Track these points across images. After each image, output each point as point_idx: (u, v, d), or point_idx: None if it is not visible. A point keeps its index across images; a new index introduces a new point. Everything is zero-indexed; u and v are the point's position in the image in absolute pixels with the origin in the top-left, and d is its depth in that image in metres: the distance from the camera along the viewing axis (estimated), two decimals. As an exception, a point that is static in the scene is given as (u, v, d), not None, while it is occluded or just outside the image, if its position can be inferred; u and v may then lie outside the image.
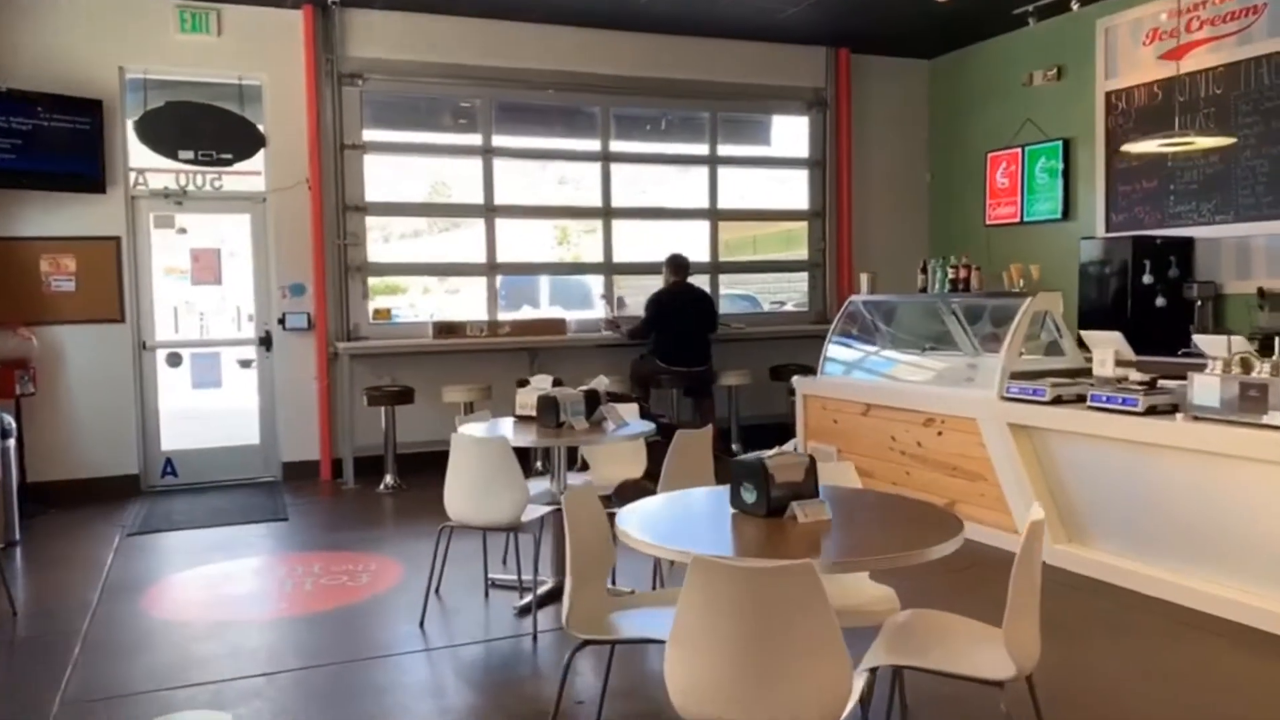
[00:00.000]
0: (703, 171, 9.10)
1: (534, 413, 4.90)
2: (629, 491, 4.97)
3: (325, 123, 7.76)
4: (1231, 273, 7.10)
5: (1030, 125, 8.65)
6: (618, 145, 8.76)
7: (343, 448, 7.78)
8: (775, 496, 2.78)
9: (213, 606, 4.78)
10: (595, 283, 9.90)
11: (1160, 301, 7.06)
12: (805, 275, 9.71)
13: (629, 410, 5.08)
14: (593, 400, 4.86)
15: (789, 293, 10.21)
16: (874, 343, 7.16)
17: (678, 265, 8.20)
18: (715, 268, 9.17)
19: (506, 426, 4.89)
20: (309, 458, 7.83)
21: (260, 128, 7.66)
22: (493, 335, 7.95)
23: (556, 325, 8.22)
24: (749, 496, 2.81)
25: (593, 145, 8.71)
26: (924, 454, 5.94)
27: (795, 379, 7.28)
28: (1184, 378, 4.65)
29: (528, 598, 4.63)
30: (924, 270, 6.65)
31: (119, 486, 7.30)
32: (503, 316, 8.42)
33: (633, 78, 8.58)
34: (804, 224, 9.61)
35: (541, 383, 5.09)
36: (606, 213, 8.74)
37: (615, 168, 8.75)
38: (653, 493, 5.14)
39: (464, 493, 4.28)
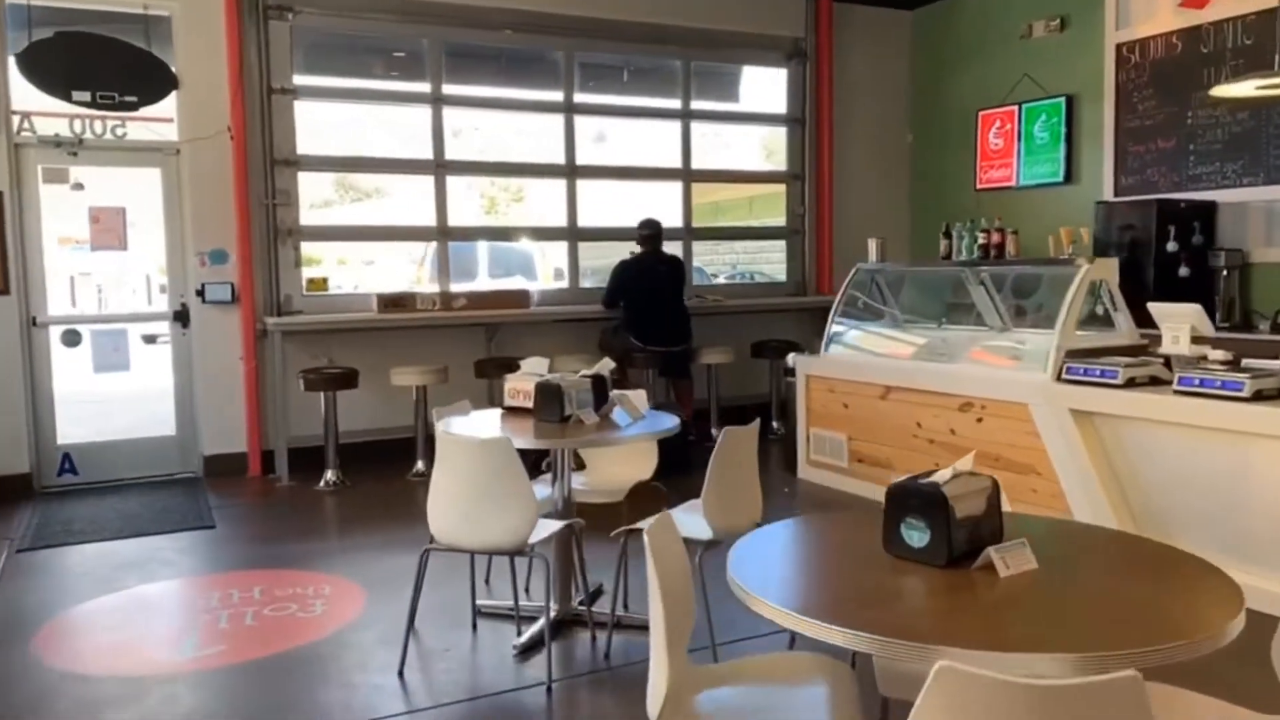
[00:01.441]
0: (674, 128, 8.23)
1: (527, 403, 4.04)
2: (643, 498, 4.16)
3: (249, 62, 6.68)
4: (1260, 239, 6.54)
5: (1028, 81, 7.99)
6: (583, 97, 7.84)
7: (275, 438, 6.77)
8: (958, 538, 1.98)
9: (125, 652, 3.80)
10: (539, 251, 9.03)
11: (1184, 271, 6.47)
12: (777, 244, 8.95)
13: (640, 398, 4.23)
14: (600, 388, 4.02)
15: (761, 263, 9.45)
16: (887, 317, 6.44)
17: (649, 233, 7.35)
18: (689, 233, 8.33)
19: (493, 421, 4.01)
20: (235, 450, 6.80)
21: (172, 67, 6.54)
22: (446, 309, 7.00)
23: (518, 298, 7.31)
24: (917, 537, 2.01)
25: (555, 95, 7.77)
26: (958, 443, 5.24)
27: (793, 357, 6.52)
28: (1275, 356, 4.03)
29: (528, 632, 3.78)
30: (947, 235, 5.93)
31: (6, 489, 6.18)
32: (454, 287, 7.47)
33: (599, 20, 7.66)
34: (779, 188, 8.83)
35: (535, 367, 4.21)
36: (570, 171, 7.83)
37: (580, 121, 7.83)
38: (665, 497, 4.36)
39: (456, 509, 3.39)
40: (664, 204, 8.33)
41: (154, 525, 5.55)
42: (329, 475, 6.43)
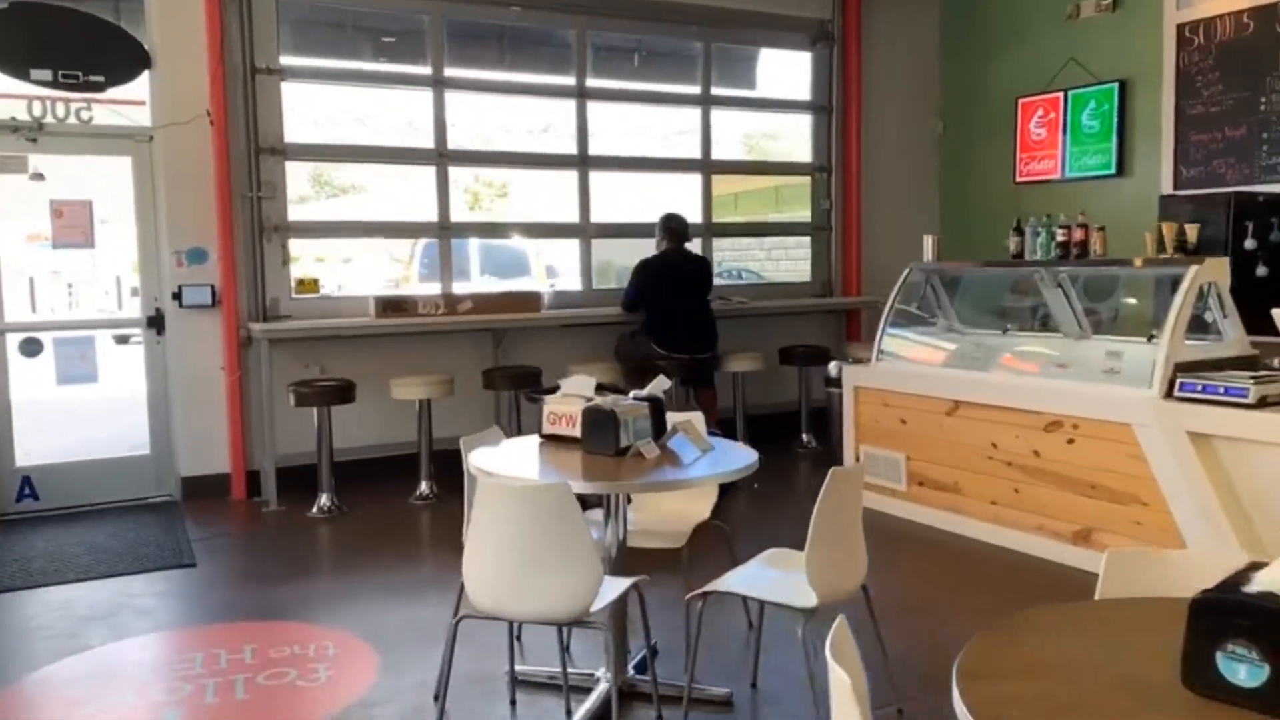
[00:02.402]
0: (693, 115, 7.59)
1: (571, 431, 3.40)
2: (705, 541, 3.53)
3: (230, 39, 5.98)
4: (1346, 237, 5.98)
5: (1075, 66, 7.41)
6: (596, 81, 7.18)
7: (261, 458, 6.08)
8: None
9: (94, 735, 3.14)
10: (533, 249, 8.39)
11: (1262, 270, 5.90)
12: (796, 240, 8.35)
13: (699, 423, 3.59)
14: (658, 413, 3.38)
15: (780, 261, 8.85)
16: (941, 322, 5.84)
17: (674, 229, 6.70)
18: (708, 230, 7.70)
19: (530, 453, 3.37)
20: (216, 471, 6.11)
21: (144, 43, 5.84)
22: (450, 313, 6.33)
23: (530, 300, 6.64)
24: (1247, 673, 1.38)
25: (566, 79, 7.11)
26: (1043, 466, 4.64)
27: (836, 366, 5.91)
28: None
29: (581, 709, 3.14)
30: (1018, 231, 5.33)
31: (-43, 518, 5.49)
32: (451, 289, 6.81)
33: (614, -4, 7.03)
34: (804, 180, 8.22)
35: (579, 387, 3.57)
36: (583, 161, 7.17)
37: (593, 107, 7.18)
38: (729, 538, 3.73)
39: (503, 571, 2.74)
40: (680, 197, 7.69)
41: (125, 562, 4.86)
42: (323, 500, 5.75)
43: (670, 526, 3.51)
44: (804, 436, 7.33)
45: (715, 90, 7.61)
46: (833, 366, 5.98)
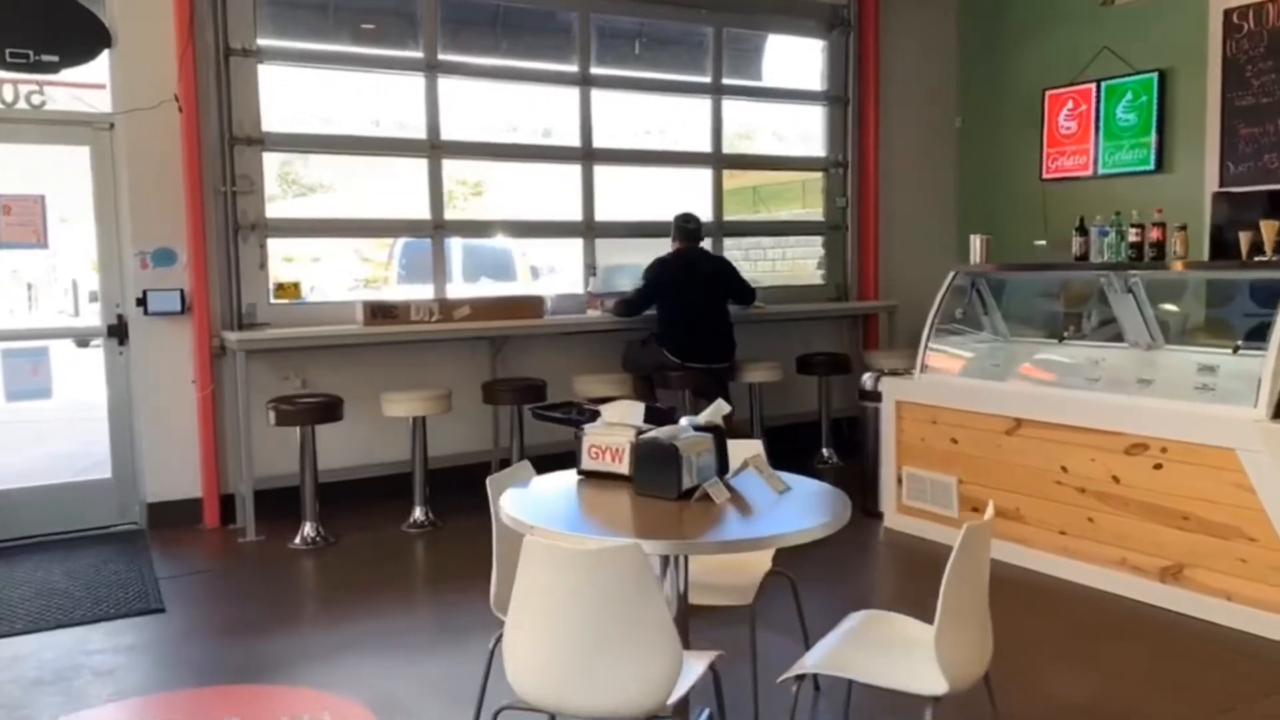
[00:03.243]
0: (703, 106, 7.06)
1: (617, 467, 2.86)
2: (772, 595, 3.01)
3: (202, 15, 5.38)
4: None
5: (1108, 55, 6.94)
6: (600, 69, 6.63)
7: (237, 480, 5.49)
8: None
9: None
10: (517, 249, 7.85)
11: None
12: (803, 239, 7.85)
13: (753, 449, 3.06)
14: (720, 445, 2.85)
15: (779, 262, 8.33)
16: (992, 330, 5.35)
17: (691, 229, 6.18)
18: (720, 229, 7.17)
19: (567, 493, 2.83)
20: (186, 496, 5.50)
21: (104, 19, 5.23)
22: (446, 320, 5.76)
23: (532, 305, 6.08)
24: None
25: (568, 66, 6.55)
26: (1124, 494, 4.15)
27: (870, 377, 5.41)
28: None
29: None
30: (1080, 230, 4.85)
31: (-110, 554, 4.85)
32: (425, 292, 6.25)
33: (619, -24, 6.49)
34: (817, 176, 7.72)
35: (625, 413, 3.02)
36: (587, 154, 6.62)
37: (597, 96, 6.62)
38: (795, 589, 3.19)
39: (560, 655, 2.19)
40: (688, 194, 7.16)
41: (83, 608, 4.24)
42: (307, 529, 5.16)
43: (733, 578, 2.97)
44: (824, 451, 6.83)
45: (727, 79, 7.08)
46: (868, 378, 5.46)
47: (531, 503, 2.73)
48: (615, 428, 2.91)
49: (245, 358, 5.28)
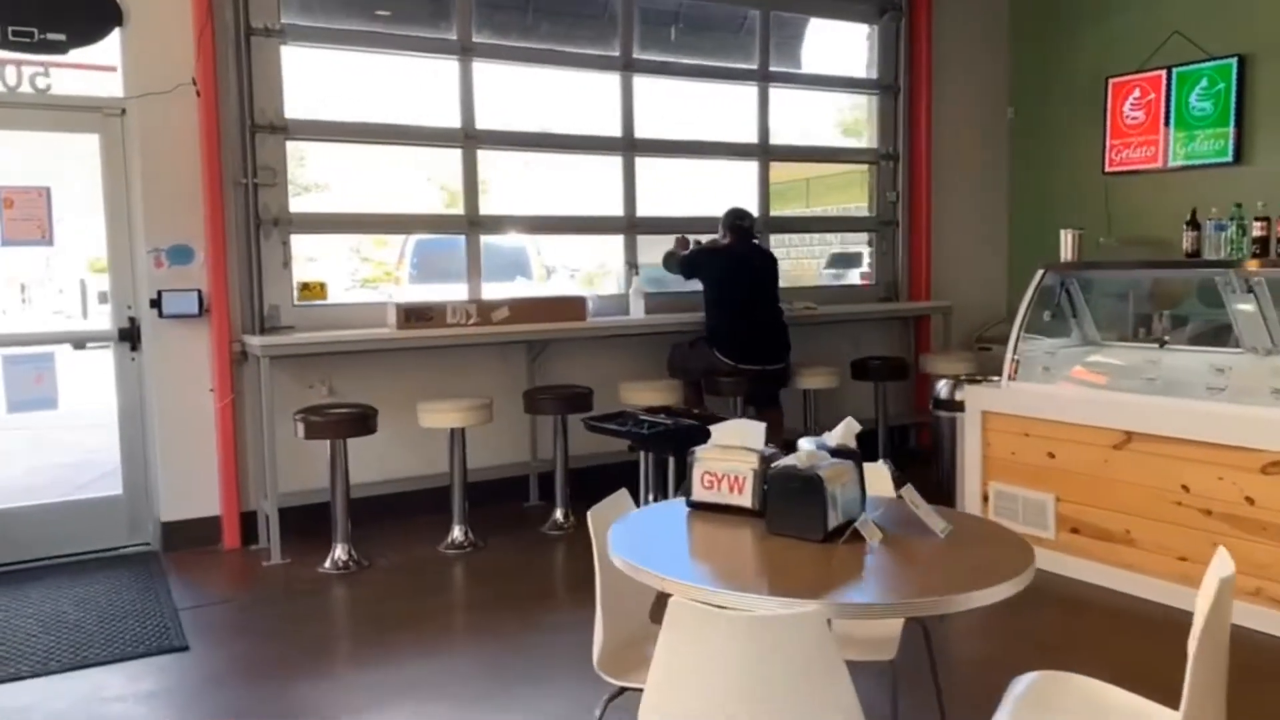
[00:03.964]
0: (745, 95, 6.63)
1: (738, 499, 2.43)
2: (912, 643, 2.58)
3: (221, -9, 4.95)
4: None
5: (1179, 39, 6.52)
6: (644, 54, 6.19)
7: (258, 497, 5.06)
8: None
9: None
10: (533, 246, 7.47)
11: None
12: (838, 237, 7.45)
13: (882, 473, 2.64)
14: (859, 472, 2.42)
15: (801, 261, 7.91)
16: (1081, 333, 4.94)
17: (745, 226, 5.76)
18: (766, 225, 6.74)
19: (675, 528, 2.40)
20: (204, 514, 5.06)
21: (114, -6, 4.80)
22: (484, 322, 5.32)
23: (574, 307, 5.64)
24: None
25: (609, 50, 6.12)
26: (1261, 517, 3.73)
27: (945, 385, 4.99)
28: None
29: None
30: (1193, 224, 4.43)
31: (-120, 582, 4.40)
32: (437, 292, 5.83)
33: (665, -45, 6.05)
34: (862, 169, 7.29)
35: (741, 433, 2.59)
36: (629, 145, 6.18)
37: (638, 84, 6.19)
38: (928, 636, 2.75)
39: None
40: (731, 188, 6.74)
41: (97, 645, 3.80)
42: (338, 553, 4.71)
43: (874, 629, 2.53)
44: (883, 463, 6.38)
45: (774, 67, 6.65)
46: (943, 385, 5.04)
47: (648, 546, 2.30)
48: (733, 452, 2.48)
49: (270, 364, 4.83)
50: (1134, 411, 4.15)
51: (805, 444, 2.51)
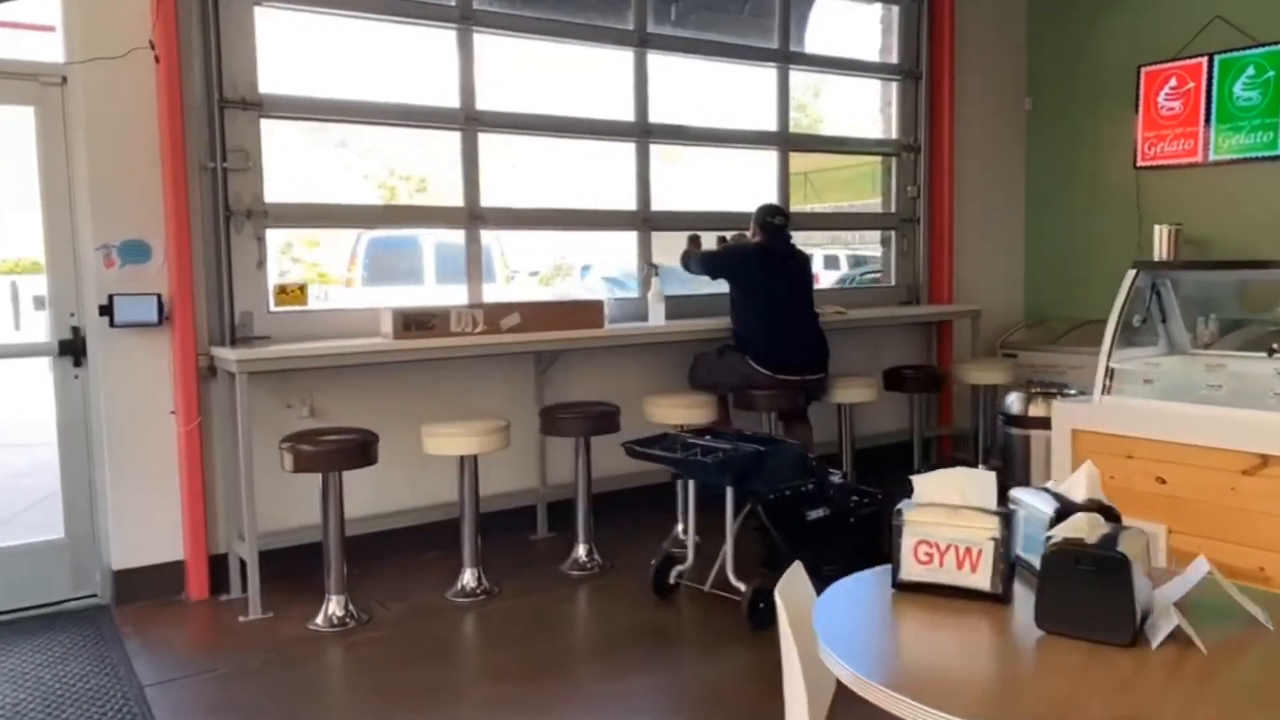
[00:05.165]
0: (767, 77, 6.02)
1: (973, 580, 1.80)
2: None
3: (183, -60, 4.16)
4: None
5: (1221, 24, 6.10)
6: (659, 29, 5.55)
7: (231, 539, 4.29)
8: None
9: None
10: (497, 245, 6.86)
11: None
12: (865, 236, 6.91)
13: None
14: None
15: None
16: (1169, 340, 4.41)
17: (778, 224, 5.16)
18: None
19: (884, 620, 1.76)
20: (164, 559, 4.28)
21: (53, -62, 3.98)
22: (491, 330, 4.61)
23: (590, 313, 4.96)
24: None
25: (622, 24, 5.45)
26: None
27: (1018, 398, 4.44)
28: None
29: None
30: (1322, 220, 3.93)
31: None
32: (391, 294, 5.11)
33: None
34: (875, 162, 6.76)
35: (962, 487, 1.95)
36: (643, 131, 5.53)
37: (654, 61, 5.54)
38: None
39: None
40: (745, 180, 6.16)
41: (45, 742, 3.02)
42: (333, 607, 3.96)
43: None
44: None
45: (794, 47, 6.06)
46: (1014, 399, 4.50)
47: (871, 649, 1.65)
48: (960, 514, 1.85)
49: (247, 381, 4.06)
50: (1273, 432, 3.62)
51: (1032, 498, 1.90)
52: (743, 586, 3.79)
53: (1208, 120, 6.21)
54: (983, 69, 6.79)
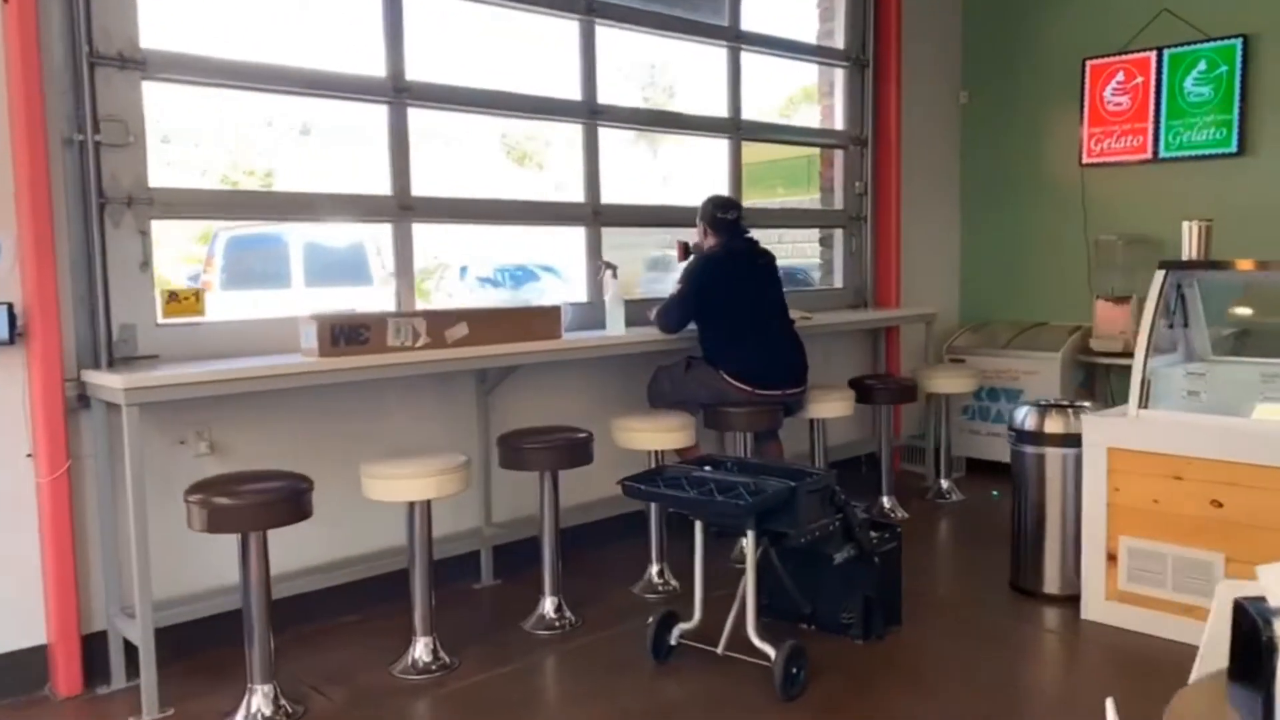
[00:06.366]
0: (718, 58, 5.44)
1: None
2: None
3: None
4: None
5: (1169, 18, 5.92)
6: (606, -4, 4.88)
7: (112, 612, 3.38)
8: None
9: None
10: (372, 243, 6.25)
11: None
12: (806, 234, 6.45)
13: None
14: None
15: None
16: (1195, 349, 4.08)
17: (726, 220, 4.56)
18: (738, 218, 5.56)
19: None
20: (20, 644, 3.32)
21: None
22: (436, 344, 3.83)
23: (545, 320, 4.22)
24: None
25: (566, -10, 4.76)
26: None
27: (1028, 411, 4.02)
28: None
29: None
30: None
31: None
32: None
33: None
34: (806, 157, 6.31)
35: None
36: (591, 111, 4.84)
37: (602, 34, 4.86)
38: None
39: None
40: (690, 172, 5.57)
41: None
42: (257, 701, 3.11)
43: None
44: (885, 501, 5.35)
45: (746, 26, 5.49)
46: (1026, 413, 4.06)
47: None
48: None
49: (139, 415, 3.16)
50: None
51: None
52: (771, 650, 3.18)
53: (1157, 116, 6.01)
54: (915, 58, 6.39)
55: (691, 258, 4.59)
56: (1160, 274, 3.89)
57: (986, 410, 6.22)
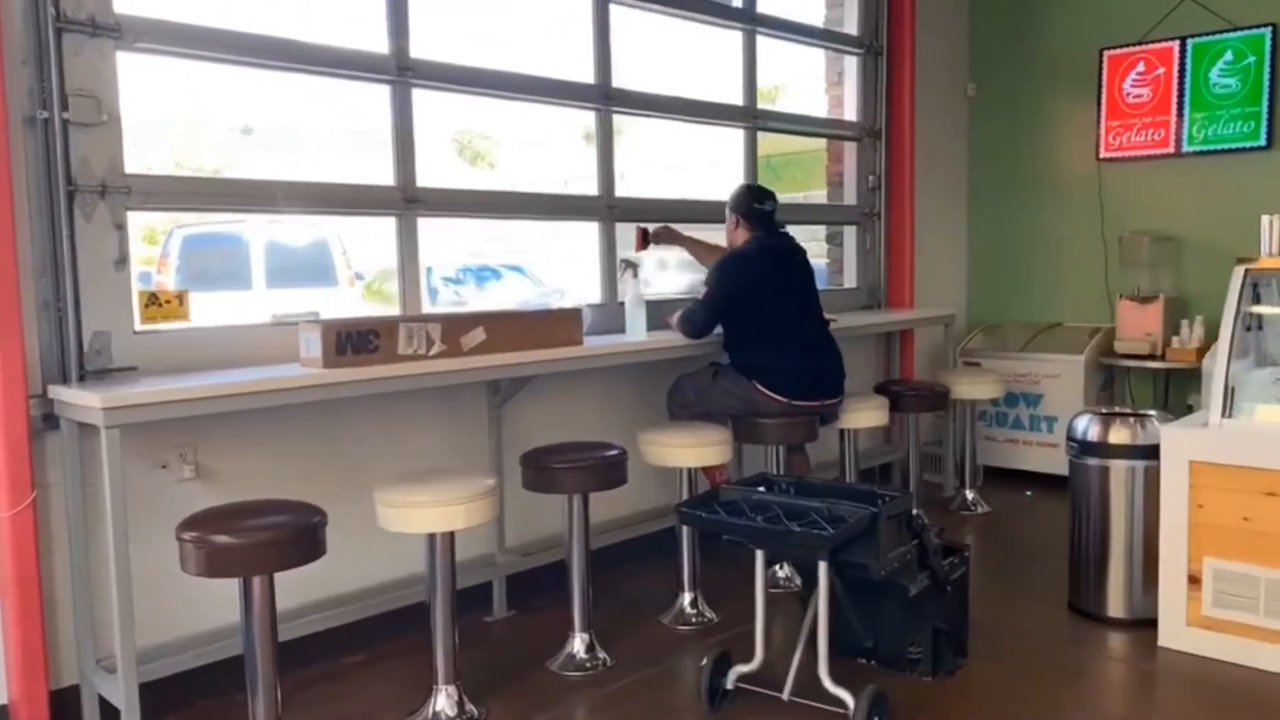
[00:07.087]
0: (733, 41, 5.08)
1: None
2: None
3: None
4: None
5: (1193, 6, 5.68)
6: (620, -31, 4.49)
7: (86, 665, 2.91)
8: None
9: None
10: (338, 243, 5.89)
11: None
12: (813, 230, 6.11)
13: None
14: None
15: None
16: (1268, 352, 3.79)
17: (762, 211, 4.19)
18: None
19: None
20: (-21, 706, 2.85)
21: None
22: (452, 352, 3.40)
23: (566, 325, 3.81)
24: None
25: (579, -38, 4.36)
26: None
27: (1089, 421, 3.71)
28: None
29: None
30: None
31: None
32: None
33: None
34: (817, 150, 5.98)
35: None
36: (605, 96, 4.43)
37: (617, 14, 4.47)
38: None
39: None
40: (706, 161, 5.20)
41: None
42: (266, 767, 2.67)
43: None
44: (915, 514, 5.01)
45: (762, 9, 5.14)
46: (1087, 422, 3.75)
47: None
48: None
49: (118, 437, 2.70)
50: None
51: None
52: (848, 696, 2.82)
53: (1180, 109, 5.78)
54: (921, 50, 6.07)
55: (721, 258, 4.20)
56: (1239, 271, 3.60)
57: (1005, 416, 5.94)
